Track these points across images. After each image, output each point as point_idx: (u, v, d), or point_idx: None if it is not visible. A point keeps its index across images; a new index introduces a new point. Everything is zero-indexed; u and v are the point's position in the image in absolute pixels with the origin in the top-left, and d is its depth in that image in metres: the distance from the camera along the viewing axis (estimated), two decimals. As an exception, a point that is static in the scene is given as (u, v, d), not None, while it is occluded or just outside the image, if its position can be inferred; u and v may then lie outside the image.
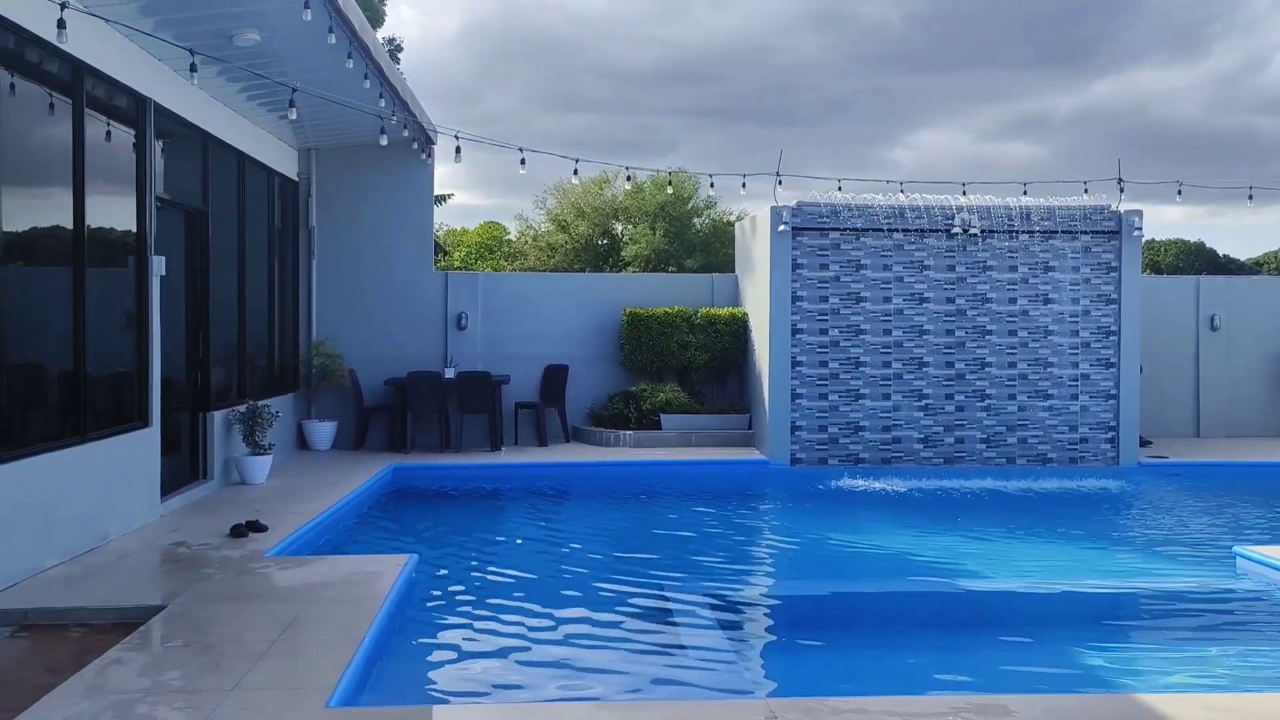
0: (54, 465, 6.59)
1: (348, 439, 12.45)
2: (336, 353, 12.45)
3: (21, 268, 6.45)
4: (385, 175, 12.83)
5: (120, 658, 4.73)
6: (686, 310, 13.04)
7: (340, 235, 12.82)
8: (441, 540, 8.61)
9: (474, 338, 12.97)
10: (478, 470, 11.44)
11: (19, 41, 6.37)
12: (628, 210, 36.51)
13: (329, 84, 9.07)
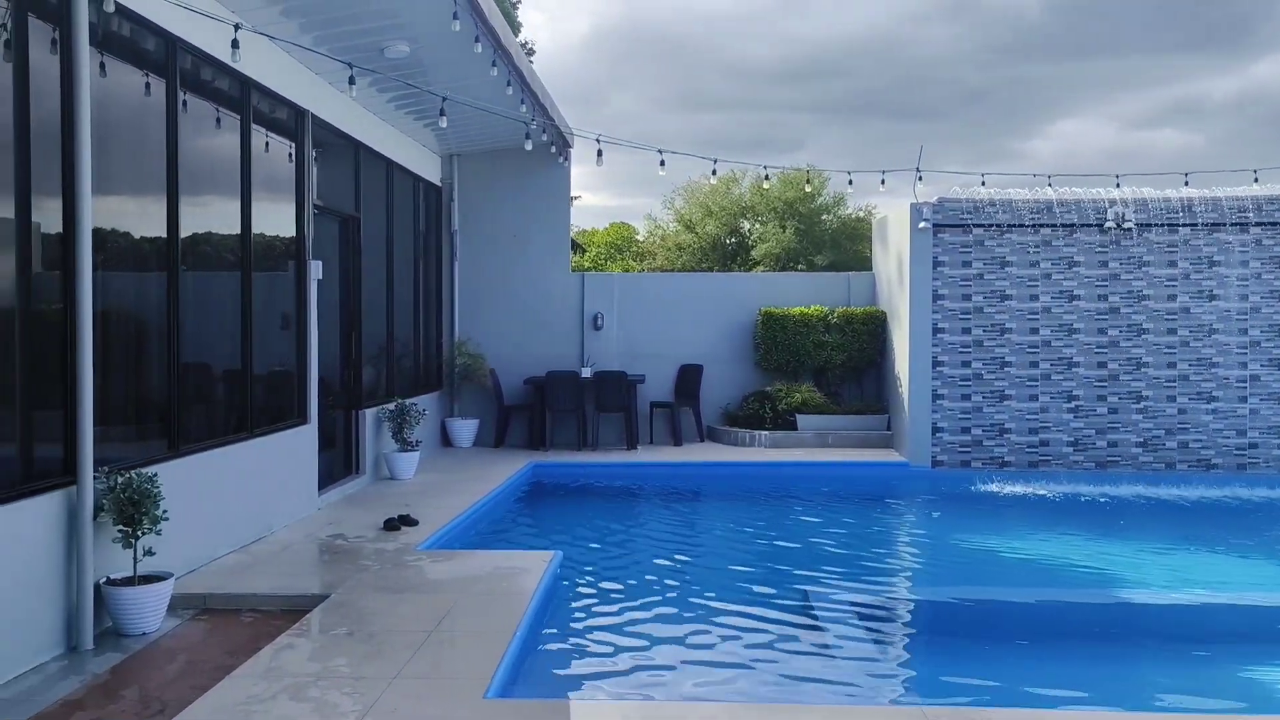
0: (226, 459, 7.00)
1: (488, 436, 12.79)
2: (478, 353, 12.81)
3: (196, 272, 6.87)
4: (523, 179, 13.12)
5: (291, 643, 4.99)
6: (823, 309, 12.87)
7: (480, 238, 13.18)
8: (581, 537, 8.75)
9: (610, 337, 13.13)
10: (614, 468, 11.58)
11: (195, 61, 6.79)
12: (755, 209, 36.31)
13: (473, 91, 9.33)
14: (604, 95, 57.16)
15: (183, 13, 6.29)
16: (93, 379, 5.31)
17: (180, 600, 5.76)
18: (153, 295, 6.39)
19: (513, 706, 4.42)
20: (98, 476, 5.33)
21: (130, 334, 6.20)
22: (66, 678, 4.71)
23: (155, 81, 6.35)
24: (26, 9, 5.12)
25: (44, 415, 5.22)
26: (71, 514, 5.21)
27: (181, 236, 6.56)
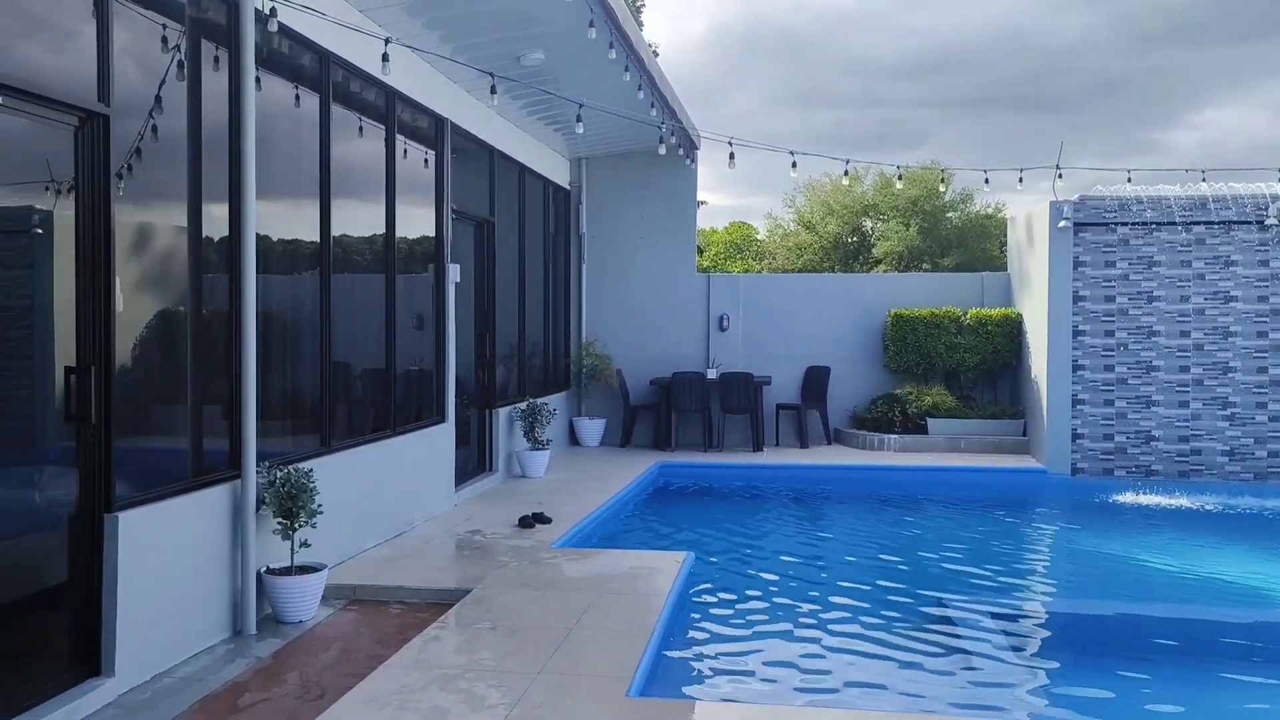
0: (372, 456, 7.29)
1: (615, 436, 12.94)
2: (605, 353, 12.98)
3: (344, 275, 7.18)
4: (650, 181, 13.21)
5: (438, 635, 5.17)
6: (955, 311, 12.56)
7: (608, 240, 13.34)
8: (708, 538, 8.76)
9: (735, 338, 13.11)
10: (740, 470, 11.56)
11: (345, 75, 7.09)
12: (878, 207, 35.64)
13: (603, 96, 9.46)
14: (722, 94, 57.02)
15: (335, 29, 6.58)
16: (255, 377, 5.62)
17: (332, 590, 6.02)
18: (307, 297, 6.71)
19: (655, 706, 4.47)
20: (259, 471, 5.63)
21: (286, 335, 6.52)
22: (233, 660, 5.00)
23: (309, 94, 6.66)
24: (200, 34, 5.45)
25: (212, 412, 5.55)
26: (236, 506, 5.52)
27: (332, 241, 6.87)
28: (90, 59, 4.59)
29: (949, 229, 34.79)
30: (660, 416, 12.66)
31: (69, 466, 4.51)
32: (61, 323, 4.48)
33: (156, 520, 4.85)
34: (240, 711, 4.38)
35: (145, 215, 5.09)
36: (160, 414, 5.33)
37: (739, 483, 11.32)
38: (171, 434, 5.38)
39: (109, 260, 4.58)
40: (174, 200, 5.33)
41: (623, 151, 13.02)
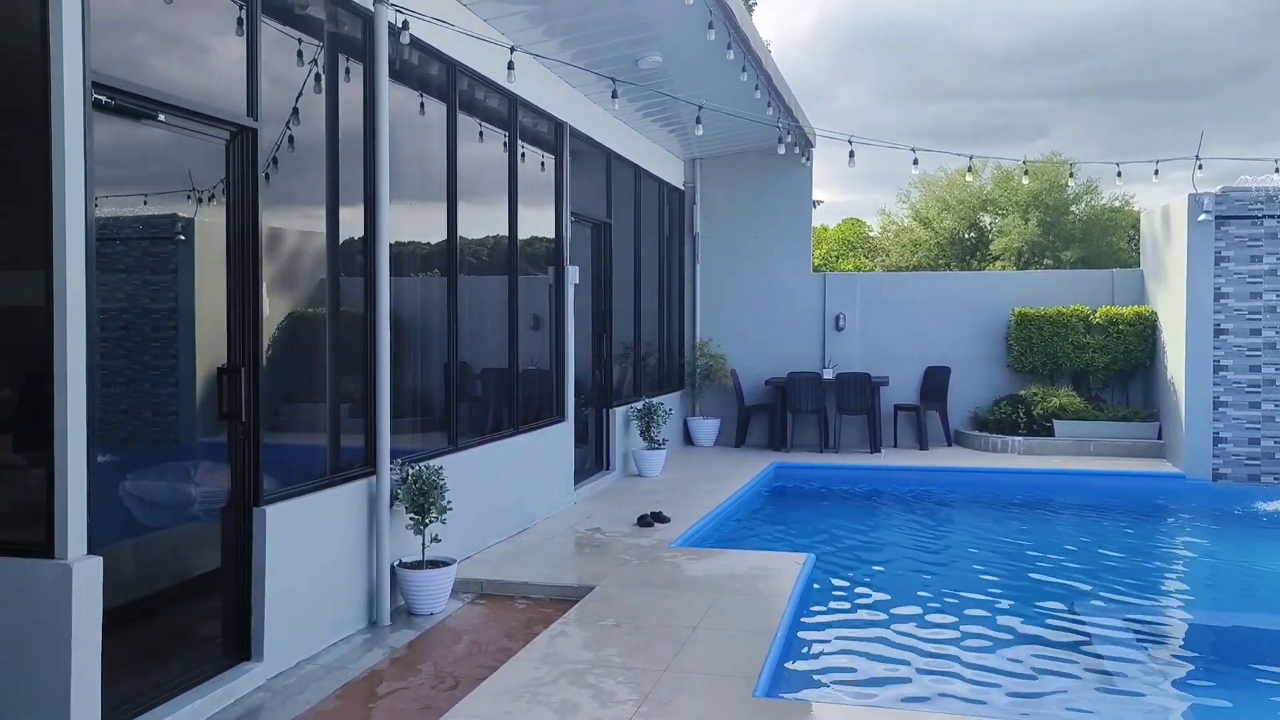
0: (496, 454, 7.47)
1: (729, 436, 12.93)
2: (719, 353, 12.98)
3: (470, 277, 7.38)
4: (765, 180, 13.15)
5: (564, 631, 5.27)
6: (1083, 309, 12.11)
7: (722, 240, 13.33)
8: (826, 539, 8.68)
9: (852, 338, 12.93)
10: (857, 471, 11.40)
11: (471, 83, 7.29)
12: (996, 201, 34.60)
13: (720, 96, 9.46)
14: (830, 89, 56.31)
15: (462, 39, 6.77)
16: (389, 377, 5.83)
17: (460, 584, 6.20)
18: (435, 299, 6.92)
19: (782, 707, 4.46)
20: (393, 468, 5.84)
21: (416, 336, 6.75)
22: (371, 650, 5.20)
23: (437, 102, 6.87)
24: (338, 49, 5.69)
25: (349, 411, 5.78)
26: (371, 502, 5.74)
27: (459, 244, 7.07)
28: (240, 77, 4.84)
29: (1072, 223, 33.55)
30: (775, 417, 12.59)
31: (220, 461, 4.77)
32: (202, 325, 4.74)
33: (299, 514, 5.09)
34: (379, 699, 4.55)
35: (284, 221, 5.34)
36: (301, 413, 5.58)
37: (856, 485, 11.17)
38: (311, 431, 5.63)
39: (257, 265, 4.83)
40: (313, 206, 5.57)
41: (737, 151, 12.99)
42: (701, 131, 8.86)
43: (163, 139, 4.45)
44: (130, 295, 4.32)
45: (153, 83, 4.30)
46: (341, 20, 5.74)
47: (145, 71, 4.33)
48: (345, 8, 5.68)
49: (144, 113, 4.25)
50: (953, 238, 35.16)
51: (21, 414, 4.94)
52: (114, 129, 4.13)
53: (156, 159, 4.50)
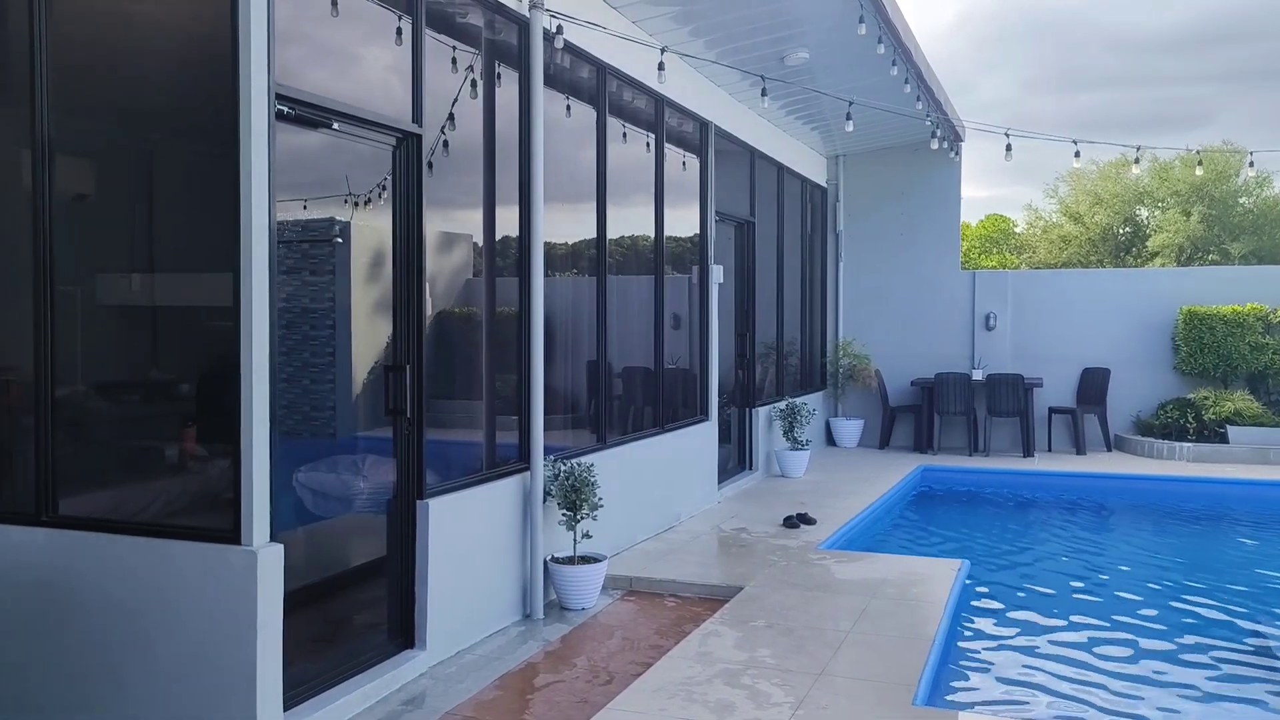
0: (642, 452, 7.53)
1: (873, 437, 12.67)
2: (863, 353, 12.73)
3: (617, 277, 7.45)
4: (911, 175, 12.83)
5: (716, 630, 5.26)
6: (1261, 307, 11.34)
7: (865, 237, 13.08)
8: (978, 546, 8.39)
9: (1003, 338, 12.48)
10: (1008, 476, 10.99)
11: (619, 84, 7.36)
12: (1154, 194, 32.79)
13: (867, 91, 9.28)
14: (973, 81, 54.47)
15: (611, 42, 6.85)
16: (543, 375, 5.95)
17: (609, 581, 6.27)
18: (584, 299, 7.03)
19: (943, 717, 4.33)
20: (545, 465, 5.96)
21: (567, 334, 6.86)
22: (526, 642, 5.31)
23: (587, 104, 6.97)
24: (494, 56, 5.85)
25: (503, 408, 5.93)
26: (525, 497, 5.86)
27: (608, 244, 7.15)
28: (405, 85, 5.03)
29: (1240, 215, 31.49)
30: (921, 418, 12.26)
31: (384, 455, 4.96)
32: (357, 324, 4.94)
33: (458, 508, 5.24)
34: (537, 691, 4.65)
35: (442, 223, 5.51)
36: (458, 409, 5.75)
37: (1008, 490, 10.76)
38: (467, 428, 5.80)
39: (421, 267, 5.00)
40: (468, 208, 5.74)
41: (882, 147, 12.72)
42: (852, 127, 8.70)
43: (320, 146, 4.65)
44: (291, 295, 4.53)
45: (325, 92, 4.50)
46: (498, 27, 5.88)
47: (318, 81, 4.54)
48: (502, 14, 5.82)
49: (320, 121, 4.46)
50: (1105, 233, 33.53)
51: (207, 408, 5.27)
52: (280, 138, 4.35)
53: (314, 165, 4.71)
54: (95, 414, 5.03)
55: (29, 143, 4.34)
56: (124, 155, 4.82)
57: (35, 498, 4.29)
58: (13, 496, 4.51)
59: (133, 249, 6.08)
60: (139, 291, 5.94)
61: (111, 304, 5.58)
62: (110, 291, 5.65)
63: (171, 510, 4.66)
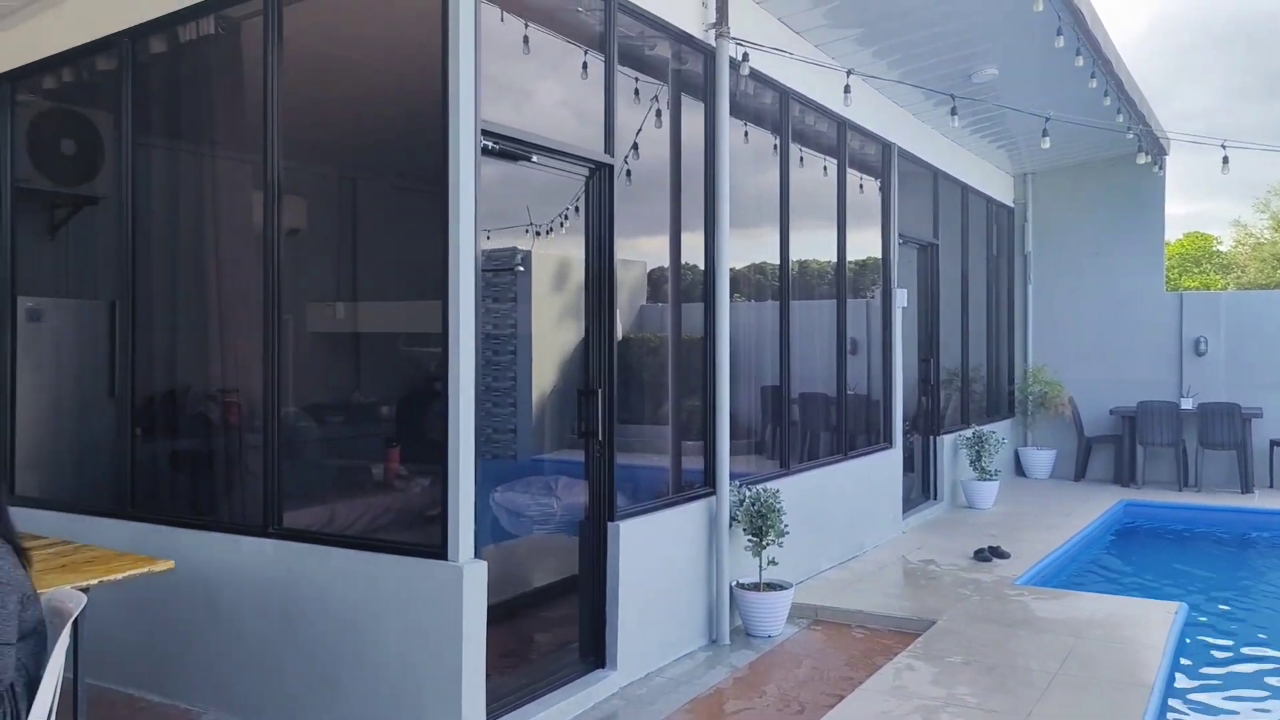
0: (826, 479, 7.41)
1: (1066, 469, 12.00)
2: (1055, 380, 12.10)
3: (800, 301, 7.39)
4: (1108, 192, 12.16)
5: (910, 664, 5.09)
6: None
7: (1056, 258, 12.47)
8: (1192, 588, 7.78)
9: (1215, 364, 11.59)
10: (1225, 513, 10.16)
11: (801, 109, 7.34)
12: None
13: (1063, 106, 8.87)
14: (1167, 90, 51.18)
15: (793, 67, 6.84)
16: (729, 400, 5.96)
17: (794, 609, 6.17)
18: (767, 324, 7.01)
19: (1165, 769, 4.04)
20: (731, 490, 5.95)
21: (750, 359, 6.85)
22: (714, 667, 5.30)
23: (770, 129, 6.98)
24: (680, 85, 5.95)
25: (689, 432, 5.97)
26: (711, 521, 5.87)
27: (791, 269, 7.12)
28: (598, 117, 5.18)
29: None
30: (1122, 449, 11.53)
31: (571, 477, 5.08)
32: (538, 349, 5.08)
33: (647, 530, 5.30)
34: (728, 716, 4.62)
35: (628, 250, 5.61)
36: (645, 433, 5.83)
37: (1224, 528, 9.95)
38: (653, 451, 5.86)
39: (613, 294, 5.12)
40: (652, 235, 5.83)
41: (1075, 163, 12.12)
42: (1048, 144, 8.35)
43: (499, 177, 4.81)
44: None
45: (523, 126, 4.68)
46: (684, 57, 5.98)
47: (515, 116, 4.74)
48: (689, 44, 5.92)
49: (520, 154, 4.65)
50: (1328, 250, 30.75)
51: (408, 429, 5.55)
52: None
53: (494, 196, 4.89)
54: (309, 434, 5.40)
55: (262, 185, 4.71)
56: (336, 192, 5.19)
57: (263, 511, 4.62)
58: (243, 509, 4.89)
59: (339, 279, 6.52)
60: (345, 319, 6.35)
61: (320, 331, 5.98)
62: (319, 319, 6.06)
63: (377, 526, 4.94)
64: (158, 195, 5.43)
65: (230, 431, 5.20)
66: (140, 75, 5.30)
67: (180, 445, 5.46)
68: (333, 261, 6.42)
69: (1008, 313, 12.48)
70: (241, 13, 4.92)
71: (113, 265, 5.39)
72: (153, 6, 5.13)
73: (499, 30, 4.57)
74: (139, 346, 5.31)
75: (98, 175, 5.76)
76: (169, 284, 5.47)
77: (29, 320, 5.81)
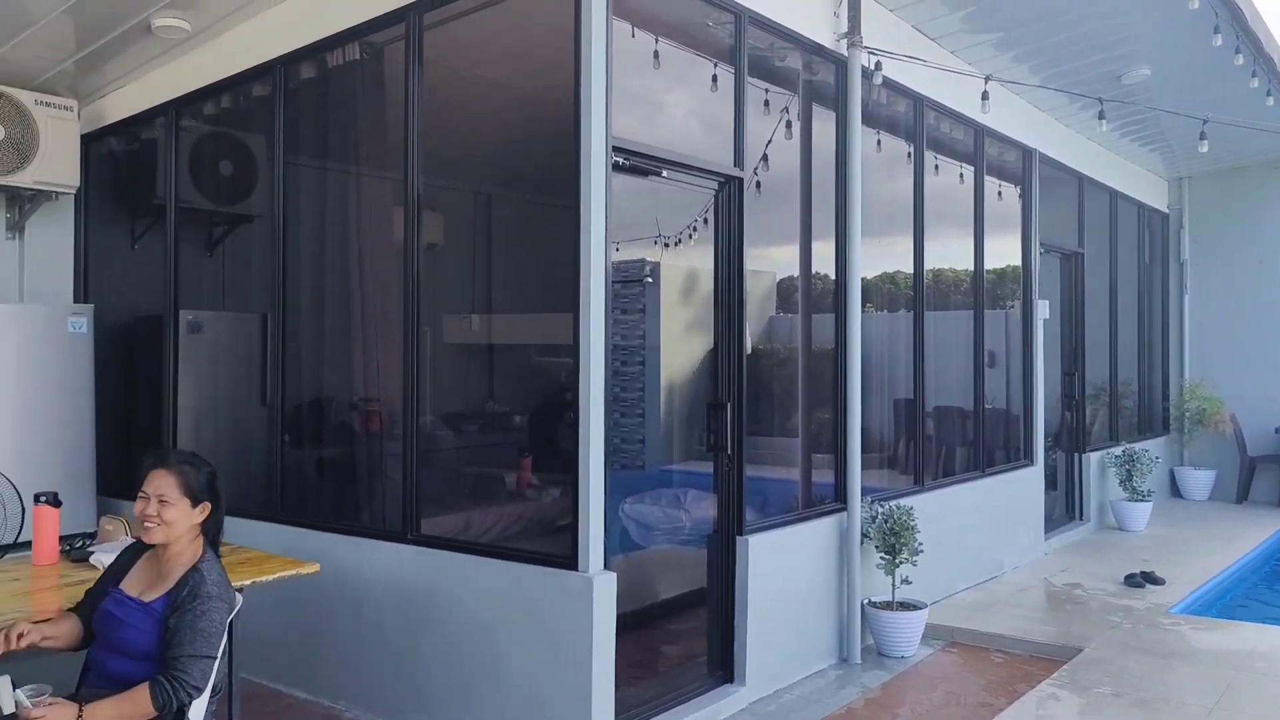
0: (961, 496, 7.17)
1: (1227, 490, 11.26)
2: (1214, 395, 11.39)
3: (933, 313, 7.18)
4: (1273, 196, 11.39)
5: (1054, 694, 4.87)
6: None
7: (1216, 267, 11.74)
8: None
9: (1396, 379, 10.69)
10: None
11: (937, 117, 7.16)
12: None
13: (1218, 106, 8.38)
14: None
15: (927, 74, 6.68)
16: (860, 413, 5.84)
17: (928, 630, 5.99)
18: (900, 335, 6.84)
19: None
20: (862, 505, 5.82)
21: (883, 372, 6.70)
22: (845, 687, 5.19)
23: (903, 138, 6.83)
24: (810, 96, 5.89)
25: (818, 446, 5.87)
26: (842, 538, 5.76)
27: (925, 280, 6.93)
28: (727, 130, 5.17)
29: None
30: (1289, 470, 10.76)
31: (699, 489, 5.06)
32: (665, 360, 5.08)
33: (776, 545, 5.23)
34: (859, 738, 4.52)
35: (756, 262, 5.56)
36: (775, 446, 5.77)
37: None
38: (781, 465, 5.79)
39: (743, 306, 5.09)
40: (780, 245, 5.78)
41: (1235, 166, 11.40)
42: (1206, 147, 7.91)
43: (627, 190, 4.82)
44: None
45: (651, 141, 4.71)
46: (815, 68, 5.92)
47: (645, 131, 4.78)
48: (820, 55, 5.85)
49: (650, 169, 4.68)
50: None
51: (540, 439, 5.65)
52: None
53: (621, 209, 4.92)
54: (446, 443, 5.56)
55: (402, 201, 4.89)
56: (471, 208, 5.34)
57: (402, 517, 4.78)
58: (384, 516, 5.07)
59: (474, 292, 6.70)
60: (479, 331, 6.52)
61: (456, 342, 6.16)
62: (455, 331, 6.24)
63: (509, 534, 5.04)
64: (306, 213, 5.70)
65: (371, 439, 5.41)
66: (291, 100, 5.59)
67: (325, 452, 5.71)
68: (468, 275, 6.61)
69: (1161, 324, 11.83)
70: (385, 38, 5.12)
71: (265, 279, 5.68)
72: (303, 35, 5.40)
73: (630, 45, 4.62)
74: (288, 357, 5.58)
75: (252, 195, 6.10)
76: (316, 297, 5.73)
77: (189, 332, 6.18)
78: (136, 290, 6.64)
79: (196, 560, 3.07)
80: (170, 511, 3.05)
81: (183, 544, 3.10)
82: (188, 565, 3.06)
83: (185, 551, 3.10)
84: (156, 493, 3.06)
